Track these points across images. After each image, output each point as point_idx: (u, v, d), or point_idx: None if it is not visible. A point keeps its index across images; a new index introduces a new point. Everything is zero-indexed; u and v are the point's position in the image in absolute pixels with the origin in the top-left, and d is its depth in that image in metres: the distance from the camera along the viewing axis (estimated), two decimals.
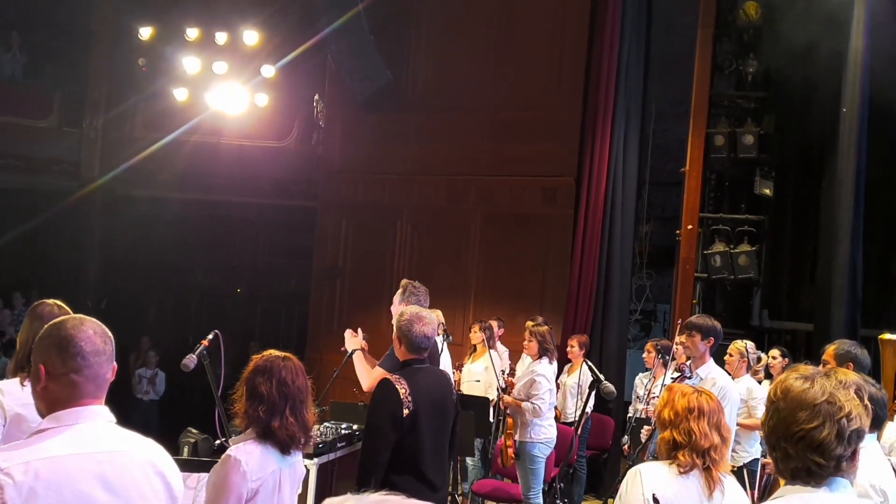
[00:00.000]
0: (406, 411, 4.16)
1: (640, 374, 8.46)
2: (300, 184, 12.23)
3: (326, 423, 6.22)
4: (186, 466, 4.24)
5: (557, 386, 8.61)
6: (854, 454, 2.10)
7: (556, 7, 10.10)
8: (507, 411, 7.13)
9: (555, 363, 7.23)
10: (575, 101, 9.90)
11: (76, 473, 2.26)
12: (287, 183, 12.59)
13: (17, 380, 3.42)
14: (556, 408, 8.64)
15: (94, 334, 2.40)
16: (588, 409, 8.44)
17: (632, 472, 3.23)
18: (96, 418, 2.37)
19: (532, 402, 6.82)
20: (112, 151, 13.29)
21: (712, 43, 9.32)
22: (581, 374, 8.11)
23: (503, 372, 7.80)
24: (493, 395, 7.72)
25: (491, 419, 7.70)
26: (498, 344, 9.04)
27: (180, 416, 8.62)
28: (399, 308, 5.85)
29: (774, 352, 8.09)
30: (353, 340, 5.51)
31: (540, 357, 6.97)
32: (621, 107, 9.55)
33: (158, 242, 14.09)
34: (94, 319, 2.47)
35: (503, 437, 7.19)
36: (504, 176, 10.31)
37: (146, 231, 13.99)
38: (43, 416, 2.36)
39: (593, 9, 9.85)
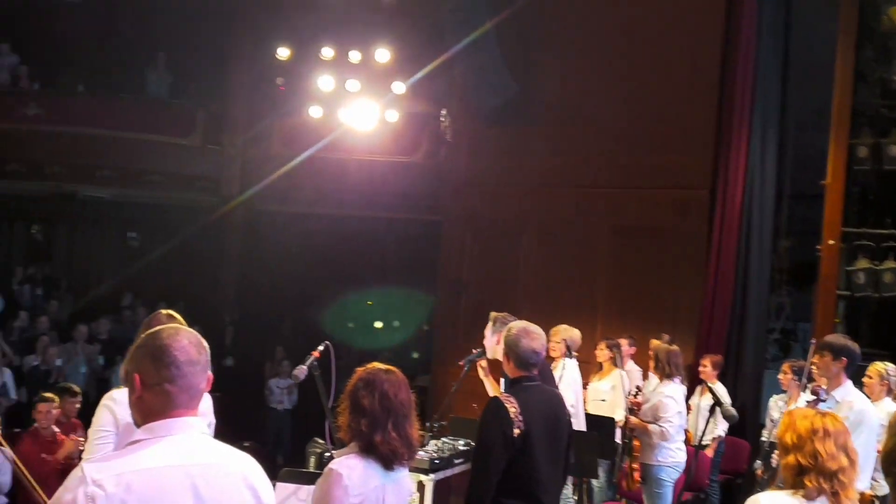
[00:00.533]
0: (517, 431, 4.01)
1: (775, 396, 8.03)
2: (427, 198, 12.29)
3: (444, 439, 6.17)
4: (308, 478, 4.27)
5: (689, 407, 8.31)
6: None
7: (688, 13, 9.76)
8: (634, 433, 6.90)
9: (684, 384, 6.95)
10: (709, 110, 9.53)
11: (168, 486, 2.24)
12: (415, 197, 12.70)
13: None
14: (686, 431, 8.33)
15: (188, 344, 2.38)
16: (721, 433, 8.11)
17: (750, 502, 3.02)
18: (189, 430, 2.34)
19: (659, 425, 6.57)
20: (251, 168, 13.76)
21: (854, 50, 8.78)
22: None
23: (630, 392, 7.54)
24: (619, 416, 7.48)
25: (618, 440, 7.47)
26: (629, 363, 8.78)
27: (313, 427, 8.75)
28: (491, 341, 5.74)
29: None
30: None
31: (668, 378, 6.72)
32: (758, 116, 9.13)
33: (294, 256, 14.49)
34: (190, 329, 2.46)
35: (629, 459, 6.95)
36: (634, 188, 10.03)
37: (282, 245, 14.41)
38: (138, 426, 2.35)
39: (728, 14, 9.47)
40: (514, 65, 10.28)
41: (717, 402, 4.33)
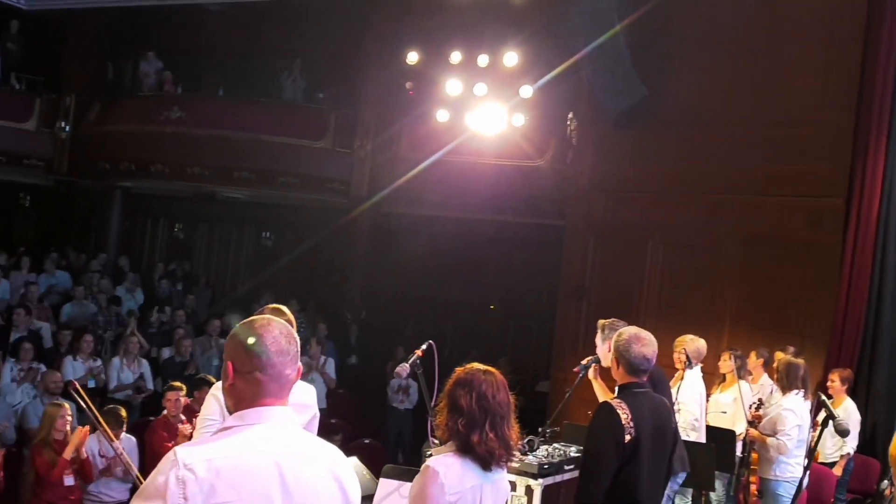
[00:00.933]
0: (628, 437, 3.97)
1: None
2: (553, 202, 12.22)
3: (556, 445, 6.12)
4: (410, 476, 4.32)
5: (815, 424, 7.97)
6: None
7: (825, 15, 9.35)
8: (754, 446, 6.68)
9: (808, 398, 6.68)
10: (845, 116, 9.09)
11: (255, 472, 2.29)
12: (540, 201, 12.65)
13: None
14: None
15: (279, 335, 2.43)
16: (850, 450, 7.76)
17: None
18: (279, 419, 2.40)
19: (778, 438, 6.35)
20: (380, 171, 14.02)
21: None
22: (844, 411, 7.50)
23: (752, 405, 7.29)
24: (740, 428, 7.25)
25: (739, 453, 7.24)
26: (764, 376, 8.50)
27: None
28: (602, 349, 5.64)
29: None
30: None
31: (788, 390, 6.47)
32: None
33: (419, 258, 14.69)
34: (281, 321, 2.52)
35: (747, 472, 6.73)
36: (765, 196, 9.66)
37: (408, 247, 14.63)
38: (230, 413, 2.43)
39: (868, 15, 9.01)
40: (643, 67, 10.08)
41: (830, 416, 4.14)
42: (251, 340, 2.39)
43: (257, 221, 16.69)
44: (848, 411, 7.72)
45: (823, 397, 4.50)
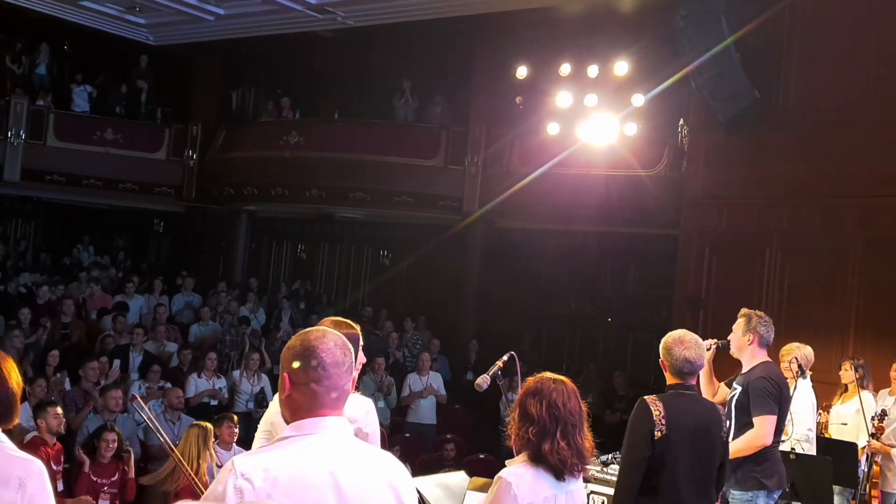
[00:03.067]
0: (658, 434, 4.05)
1: None
2: (668, 212, 11.95)
3: None
4: None
5: None
6: None
7: None
8: (876, 458, 6.33)
9: None
10: None
11: (312, 482, 2.33)
12: (655, 211, 12.39)
13: None
14: None
15: (334, 346, 2.47)
16: None
17: None
18: (335, 429, 2.43)
19: None
20: (490, 186, 14.02)
21: None
22: None
23: (875, 415, 6.91)
24: (862, 441, 6.88)
25: (863, 467, 6.87)
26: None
27: None
28: (741, 340, 5.53)
29: None
30: None
31: None
32: None
33: (532, 271, 14.62)
34: (336, 332, 2.55)
35: (869, 486, 6.38)
36: (889, 197, 9.19)
37: (521, 261, 14.59)
38: (287, 423, 2.48)
39: None
40: (754, 72, 9.78)
41: None
42: (296, 364, 2.44)
43: (375, 240, 17.00)
44: None
45: None
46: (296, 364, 2.45)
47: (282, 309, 14.50)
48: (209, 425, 6.83)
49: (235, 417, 7.64)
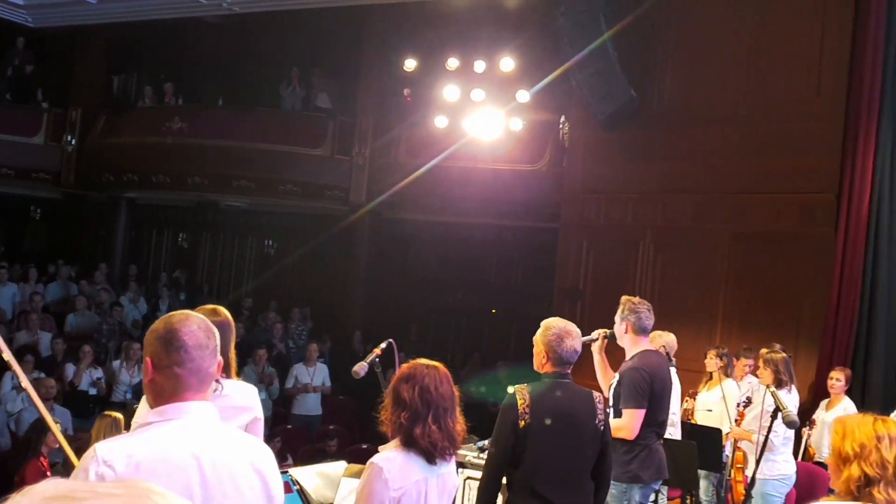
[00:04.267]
0: (521, 423, 4.14)
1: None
2: (550, 206, 12.23)
3: None
4: None
5: (812, 422, 7.94)
6: None
7: (815, 11, 9.33)
8: (739, 444, 6.66)
9: (794, 394, 6.66)
10: (836, 110, 9.03)
11: (175, 466, 2.32)
12: (538, 205, 12.66)
13: None
14: (810, 446, 7.96)
15: (197, 329, 2.45)
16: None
17: None
18: (199, 414, 2.42)
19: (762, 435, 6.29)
20: (378, 177, 14.06)
21: None
22: (844, 410, 7.43)
23: (739, 403, 7.27)
24: (727, 427, 7.23)
25: (728, 452, 7.22)
26: (749, 376, 8.46)
27: None
28: (619, 328, 5.69)
29: None
30: None
31: (778, 386, 6.42)
32: (887, 115, 8.61)
33: (419, 263, 14.71)
34: (201, 315, 2.55)
35: (733, 471, 6.71)
36: (757, 193, 9.64)
37: (408, 252, 14.66)
38: (151, 408, 2.46)
39: (857, 11, 8.97)
40: (630, 68, 10.09)
41: (778, 408, 4.14)
42: (158, 346, 2.44)
43: (259, 230, 16.78)
44: (847, 411, 7.66)
45: (773, 389, 4.48)
46: (158, 347, 2.44)
47: (160, 298, 14.18)
48: (119, 415, 6.65)
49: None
